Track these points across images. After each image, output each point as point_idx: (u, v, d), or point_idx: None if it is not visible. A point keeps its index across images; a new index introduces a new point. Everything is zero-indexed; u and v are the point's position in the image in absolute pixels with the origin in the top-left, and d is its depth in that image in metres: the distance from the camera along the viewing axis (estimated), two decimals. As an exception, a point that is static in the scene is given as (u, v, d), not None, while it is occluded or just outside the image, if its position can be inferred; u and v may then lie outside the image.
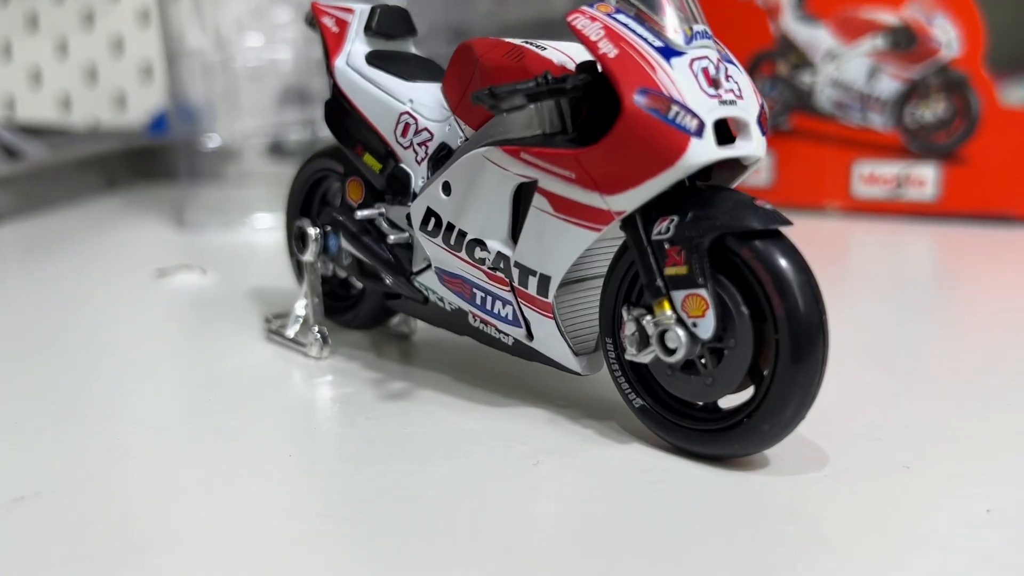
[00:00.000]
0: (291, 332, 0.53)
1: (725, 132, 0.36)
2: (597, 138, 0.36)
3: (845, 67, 0.94)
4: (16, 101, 1.71)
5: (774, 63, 0.98)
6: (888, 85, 0.92)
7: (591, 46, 0.36)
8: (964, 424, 0.42)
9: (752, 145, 0.36)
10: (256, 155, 1.01)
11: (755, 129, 0.36)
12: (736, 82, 0.36)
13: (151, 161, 1.42)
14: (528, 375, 0.46)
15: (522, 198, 0.40)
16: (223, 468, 0.39)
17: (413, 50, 0.51)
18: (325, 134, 0.53)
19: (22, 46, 1.74)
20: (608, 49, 0.35)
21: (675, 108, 0.34)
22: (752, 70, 0.99)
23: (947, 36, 0.90)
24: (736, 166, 0.38)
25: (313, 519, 0.34)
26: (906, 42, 0.91)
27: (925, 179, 0.93)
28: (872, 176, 0.95)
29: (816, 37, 0.95)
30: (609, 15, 0.36)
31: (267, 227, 0.91)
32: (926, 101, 0.92)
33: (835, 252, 0.84)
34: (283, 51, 1.03)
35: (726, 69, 0.36)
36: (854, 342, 0.54)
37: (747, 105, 0.36)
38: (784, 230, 0.36)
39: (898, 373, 0.49)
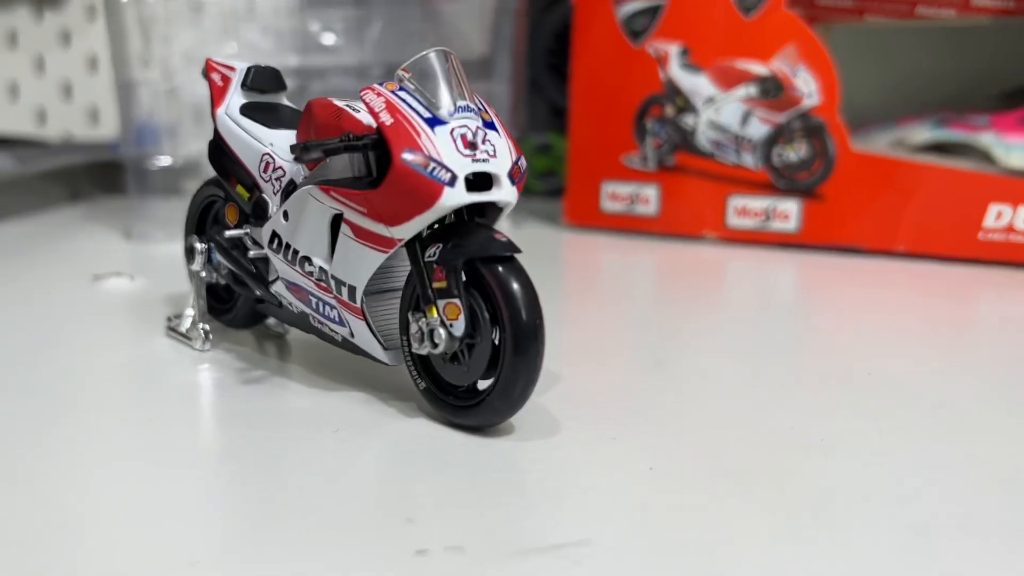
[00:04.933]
0: (183, 328, 0.65)
1: (487, 182, 0.48)
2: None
3: (722, 111, 1.06)
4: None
5: (662, 106, 1.09)
6: (758, 129, 1.04)
7: (374, 115, 0.48)
8: (693, 413, 0.53)
9: (502, 193, 0.48)
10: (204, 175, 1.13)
11: (505, 181, 0.48)
12: (493, 145, 0.48)
13: (117, 175, 1.52)
14: (362, 367, 0.58)
15: (337, 225, 0.52)
16: (88, 428, 0.50)
17: (285, 101, 0.62)
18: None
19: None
20: (386, 118, 0.47)
21: (433, 164, 0.46)
22: (643, 112, 1.11)
23: (808, 87, 1.01)
24: (495, 209, 0.50)
25: (146, 465, 0.46)
26: (774, 91, 1.03)
27: (789, 213, 1.04)
28: (744, 209, 1.07)
29: (698, 84, 1.07)
30: (393, 92, 0.48)
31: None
32: (791, 144, 1.03)
33: (709, 276, 0.95)
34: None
35: (485, 135, 0.48)
36: (666, 350, 0.66)
37: (499, 163, 0.48)
38: (517, 256, 0.48)
39: (672, 374, 0.61)
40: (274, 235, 0.55)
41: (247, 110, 0.60)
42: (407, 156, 0.46)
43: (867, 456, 0.47)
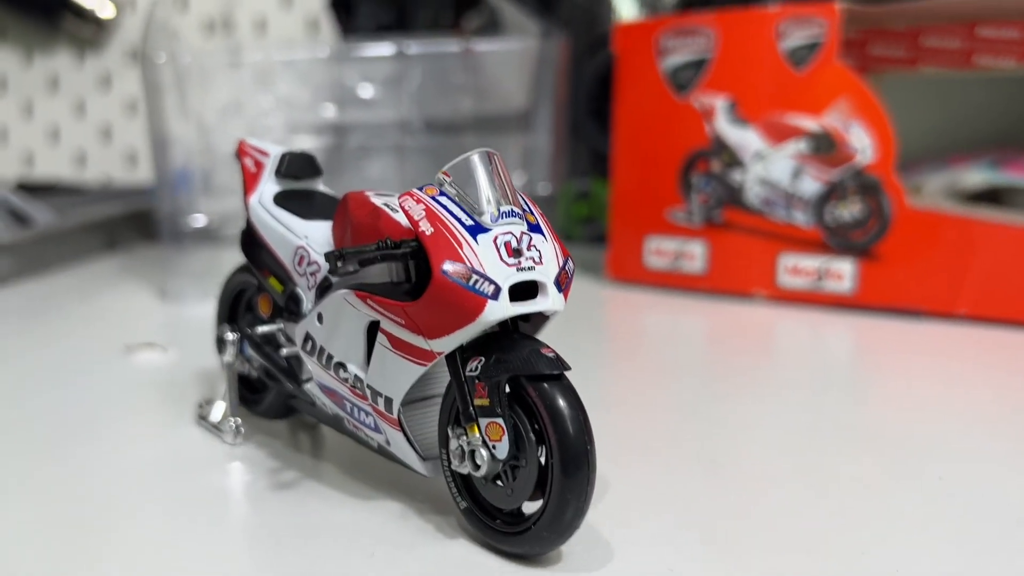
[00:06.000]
0: (214, 419, 0.62)
1: (532, 290, 0.45)
2: (422, 294, 0.45)
3: (771, 167, 1.02)
4: (35, 157, 1.83)
5: (708, 161, 1.06)
6: (810, 186, 1.00)
7: (413, 224, 0.45)
8: (740, 530, 0.49)
9: (548, 302, 0.44)
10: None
11: (552, 289, 0.45)
12: (539, 251, 0.45)
13: (154, 220, 1.51)
14: (399, 472, 0.54)
15: (373, 331, 0.49)
16: (110, 544, 0.47)
17: (320, 187, 0.60)
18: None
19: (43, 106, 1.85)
20: (426, 227, 0.44)
21: (475, 277, 0.43)
22: (689, 167, 1.07)
23: (862, 143, 0.97)
24: (541, 316, 0.46)
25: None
26: (826, 147, 0.99)
27: (843, 273, 1.00)
28: (796, 268, 1.02)
29: (746, 139, 1.03)
30: (433, 197, 0.45)
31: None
32: (844, 202, 0.99)
33: (760, 343, 0.91)
34: (265, 137, 1.12)
35: (530, 240, 0.44)
36: (720, 445, 0.62)
37: (545, 270, 0.44)
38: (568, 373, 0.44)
39: (729, 477, 0.57)
40: (308, 337, 0.52)
41: (281, 199, 0.57)
42: (448, 268, 0.43)
43: None
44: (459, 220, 0.44)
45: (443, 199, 0.45)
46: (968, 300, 0.94)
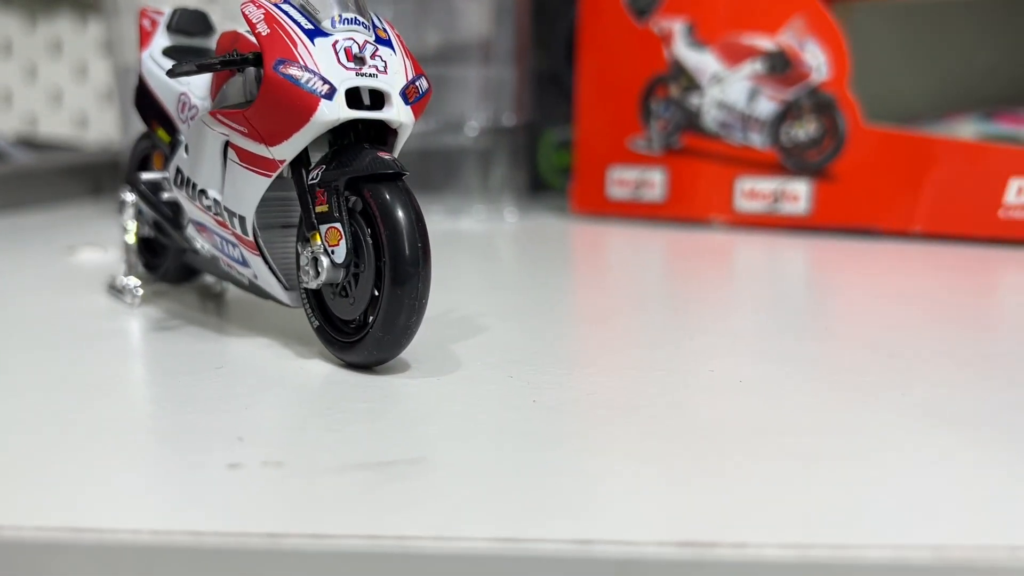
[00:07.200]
0: (117, 284, 0.63)
1: (378, 101, 0.45)
2: (264, 100, 0.45)
3: (728, 89, 1.01)
4: (38, 120, 1.86)
5: (667, 86, 1.05)
6: (766, 106, 0.99)
7: (251, 26, 0.45)
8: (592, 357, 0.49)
9: (392, 112, 0.44)
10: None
11: (397, 99, 0.45)
12: (384, 61, 0.45)
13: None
14: (283, 322, 0.55)
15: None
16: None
17: (213, 45, 0.60)
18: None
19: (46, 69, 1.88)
20: (263, 29, 0.44)
21: (308, 75, 0.43)
22: (649, 93, 1.06)
23: (817, 60, 0.96)
24: (393, 134, 0.46)
25: (31, 388, 0.43)
26: (781, 66, 0.98)
27: (799, 194, 0.99)
28: (752, 192, 1.01)
29: (703, 62, 1.02)
30: (276, 5, 0.45)
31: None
32: (799, 121, 0.98)
33: (703, 261, 0.90)
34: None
35: (375, 50, 0.45)
36: (615, 310, 0.61)
37: (390, 80, 0.44)
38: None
39: (609, 329, 0.57)
40: (178, 171, 0.53)
41: (171, 53, 0.58)
42: (280, 66, 0.43)
43: (781, 395, 0.42)
44: (298, 24, 0.44)
45: (285, 5, 0.45)
46: (922, 218, 0.92)
